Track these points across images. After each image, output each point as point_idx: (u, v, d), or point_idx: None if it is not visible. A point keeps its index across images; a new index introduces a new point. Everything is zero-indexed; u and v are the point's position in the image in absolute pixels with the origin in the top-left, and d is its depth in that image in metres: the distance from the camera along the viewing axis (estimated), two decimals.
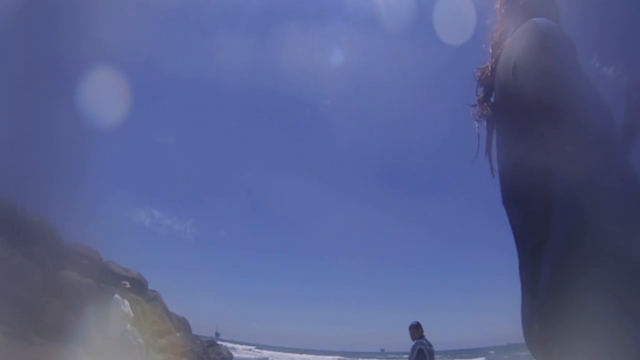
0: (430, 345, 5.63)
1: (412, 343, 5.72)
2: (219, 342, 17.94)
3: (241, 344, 33.02)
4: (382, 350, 36.43)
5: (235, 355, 17.49)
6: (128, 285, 7.32)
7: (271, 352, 32.33)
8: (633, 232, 0.80)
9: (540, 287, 0.88)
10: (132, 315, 7.03)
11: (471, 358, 31.46)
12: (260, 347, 34.38)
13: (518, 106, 0.95)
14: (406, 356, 5.82)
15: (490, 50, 1.13)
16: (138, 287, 11.30)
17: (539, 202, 0.90)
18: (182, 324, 13.54)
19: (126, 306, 6.83)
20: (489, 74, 1.12)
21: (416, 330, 5.63)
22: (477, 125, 1.15)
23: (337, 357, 34.10)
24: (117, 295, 6.88)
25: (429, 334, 5.84)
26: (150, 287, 12.66)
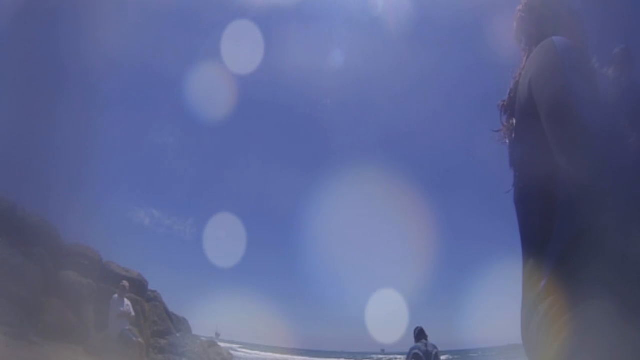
0: (432, 347, 5.67)
1: (411, 345, 5.80)
2: (219, 343, 17.93)
3: (238, 344, 32.91)
4: (382, 350, 36.35)
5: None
6: (128, 285, 7.33)
7: (265, 353, 32.23)
8: (634, 234, 0.81)
9: (540, 287, 0.89)
10: (133, 314, 7.05)
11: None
12: (250, 346, 34.14)
13: (532, 117, 0.99)
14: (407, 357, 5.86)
15: (512, 81, 1.17)
16: (138, 287, 11.31)
17: (545, 204, 0.93)
18: (182, 324, 13.54)
19: (127, 305, 6.85)
20: (509, 101, 1.17)
21: (417, 334, 5.79)
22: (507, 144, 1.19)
23: (336, 357, 34.10)
24: (115, 295, 6.90)
25: (428, 335, 5.88)
26: (150, 287, 12.66)
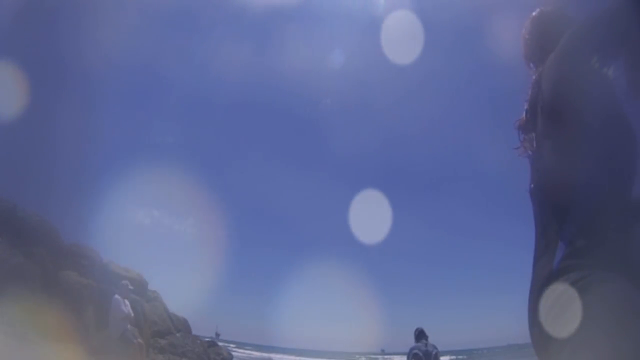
0: (432, 347, 5.68)
1: (411, 345, 5.83)
2: (219, 343, 17.93)
3: (238, 344, 32.86)
4: (382, 350, 36.34)
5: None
6: (130, 286, 7.32)
7: (265, 354, 32.18)
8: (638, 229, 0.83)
9: (554, 266, 0.90)
10: (132, 315, 7.04)
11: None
12: (250, 346, 34.10)
13: (544, 115, 1.03)
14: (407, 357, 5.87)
15: (528, 94, 1.18)
16: (138, 287, 11.30)
17: (558, 202, 0.95)
18: (182, 324, 13.54)
19: (126, 306, 6.84)
20: (526, 120, 1.17)
21: (418, 335, 5.82)
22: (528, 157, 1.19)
23: (336, 357, 34.08)
24: (117, 296, 6.89)
25: (428, 335, 5.90)
26: (150, 287, 12.66)
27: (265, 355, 31.17)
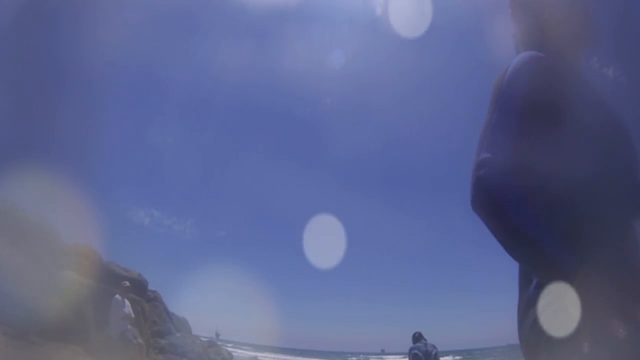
0: (432, 347, 5.71)
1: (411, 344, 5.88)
2: (219, 343, 17.93)
3: (238, 344, 32.82)
4: (383, 350, 36.38)
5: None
6: (128, 285, 7.33)
7: (265, 354, 32.13)
8: (624, 231, 0.82)
9: (533, 285, 0.89)
10: (132, 315, 7.05)
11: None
12: (250, 346, 34.04)
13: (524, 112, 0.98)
14: (407, 357, 5.90)
15: None
16: (138, 287, 11.30)
17: (540, 206, 0.93)
18: (182, 324, 13.54)
19: (127, 306, 6.85)
20: None
21: (416, 339, 5.88)
22: None
23: (337, 357, 34.06)
24: (117, 296, 6.89)
25: (428, 335, 5.93)
26: (150, 287, 12.66)
27: (265, 355, 31.15)
